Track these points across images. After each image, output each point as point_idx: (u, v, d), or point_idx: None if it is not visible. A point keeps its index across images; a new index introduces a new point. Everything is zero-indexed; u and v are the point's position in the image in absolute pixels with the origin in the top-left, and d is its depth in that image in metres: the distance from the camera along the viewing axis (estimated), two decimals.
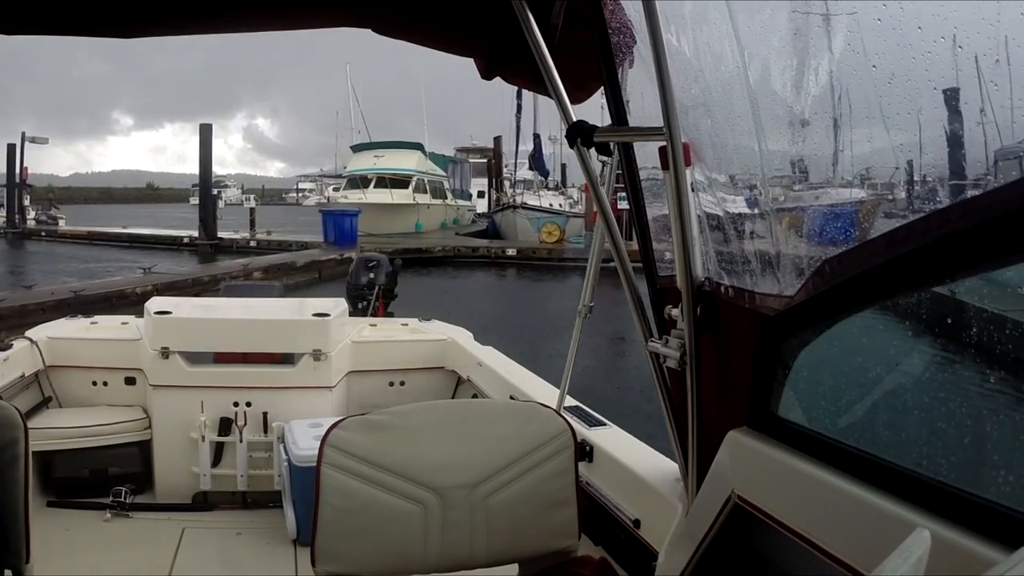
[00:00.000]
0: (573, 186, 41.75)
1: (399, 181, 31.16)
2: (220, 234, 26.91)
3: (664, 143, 1.46)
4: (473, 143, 53.29)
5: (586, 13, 1.68)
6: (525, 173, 38.35)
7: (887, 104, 1.19)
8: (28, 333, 3.89)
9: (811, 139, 1.44)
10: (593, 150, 1.70)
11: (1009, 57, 0.99)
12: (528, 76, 1.92)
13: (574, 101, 1.85)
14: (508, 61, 1.98)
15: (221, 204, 30.73)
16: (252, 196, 33.79)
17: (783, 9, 1.43)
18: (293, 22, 1.94)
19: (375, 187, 30.62)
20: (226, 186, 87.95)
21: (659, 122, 1.45)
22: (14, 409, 1.96)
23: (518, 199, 30.89)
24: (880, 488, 1.17)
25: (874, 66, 1.21)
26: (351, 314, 4.46)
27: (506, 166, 40.50)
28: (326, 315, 3.77)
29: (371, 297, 6.88)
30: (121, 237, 30.25)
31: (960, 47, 1.02)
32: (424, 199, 32.10)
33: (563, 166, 44.75)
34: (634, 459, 2.24)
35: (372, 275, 7.08)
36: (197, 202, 30.99)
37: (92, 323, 4.26)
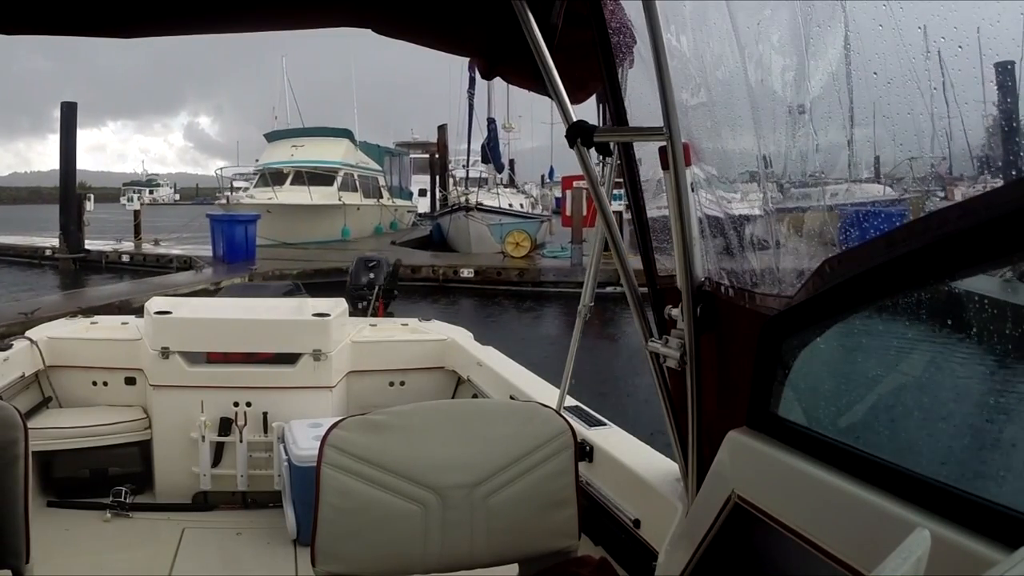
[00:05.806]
0: (528, 183, 36.33)
1: (322, 176, 25.03)
2: (89, 244, 21.01)
3: (664, 143, 1.46)
4: (415, 138, 45.15)
5: (586, 13, 1.68)
6: (476, 168, 30.92)
7: (887, 104, 1.19)
8: (28, 333, 3.89)
9: (811, 138, 1.44)
10: (593, 150, 1.70)
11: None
12: (528, 76, 1.92)
13: (574, 101, 1.85)
14: (508, 61, 1.98)
15: (89, 206, 22.07)
16: (136, 196, 25.44)
17: (783, 9, 1.43)
18: (293, 22, 1.94)
19: (292, 183, 24.22)
20: (158, 185, 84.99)
21: (659, 122, 1.45)
22: (14, 409, 1.96)
23: (471, 198, 23.64)
24: (880, 488, 1.17)
25: (875, 73, 1.21)
26: (351, 314, 4.46)
27: (449, 162, 34.75)
28: (326, 315, 3.77)
29: (371, 297, 6.91)
30: None
31: (960, 47, 1.02)
32: (353, 198, 25.98)
33: (511, 161, 37.93)
34: (634, 459, 2.24)
35: (372, 275, 7.11)
36: (127, 202, 25.10)
37: (92, 323, 4.27)
